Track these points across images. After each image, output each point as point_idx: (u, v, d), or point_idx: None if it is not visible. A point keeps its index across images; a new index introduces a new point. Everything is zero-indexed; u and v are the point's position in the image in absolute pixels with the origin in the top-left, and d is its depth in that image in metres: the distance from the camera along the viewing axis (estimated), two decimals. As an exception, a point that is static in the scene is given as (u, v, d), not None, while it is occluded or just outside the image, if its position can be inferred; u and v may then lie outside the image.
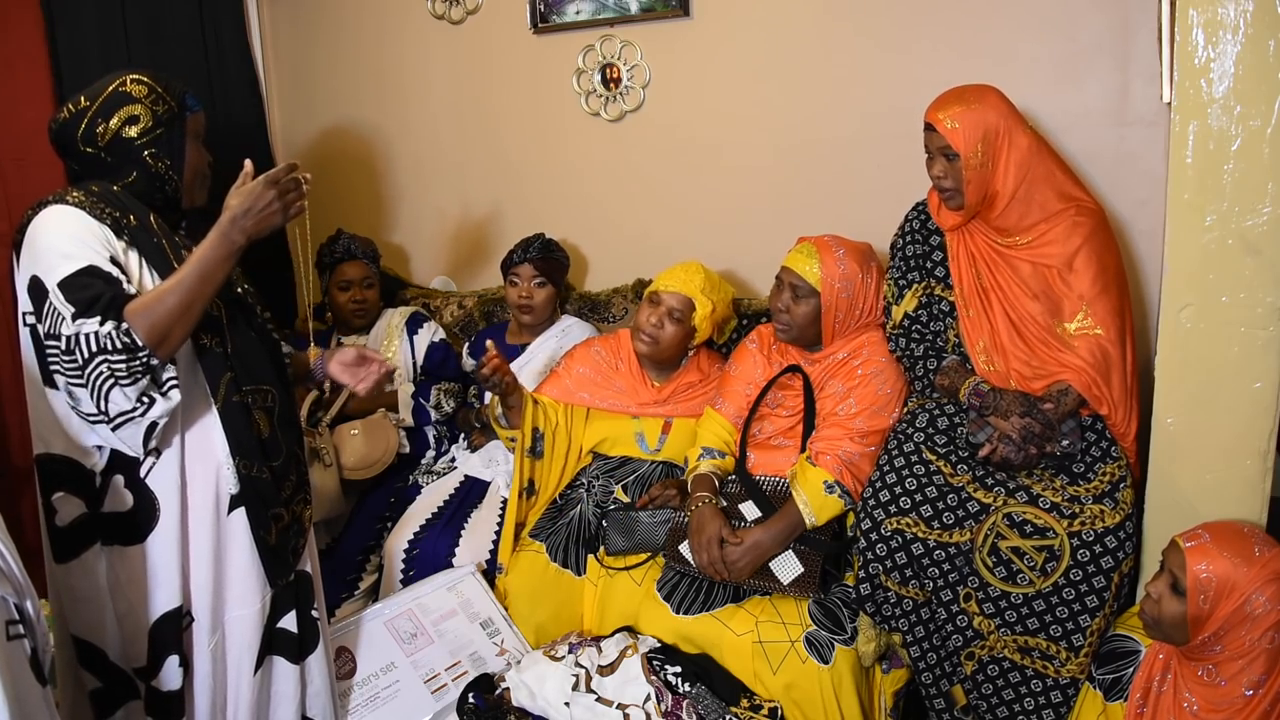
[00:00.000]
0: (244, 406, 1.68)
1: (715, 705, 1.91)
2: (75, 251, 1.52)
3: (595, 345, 2.51)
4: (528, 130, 3.11)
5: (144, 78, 1.67)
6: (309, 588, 1.88)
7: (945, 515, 1.88)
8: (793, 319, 2.16)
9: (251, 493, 1.70)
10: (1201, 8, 1.68)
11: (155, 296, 1.52)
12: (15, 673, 1.13)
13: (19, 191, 2.52)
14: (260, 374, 1.73)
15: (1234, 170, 1.71)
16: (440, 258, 3.37)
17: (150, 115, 1.65)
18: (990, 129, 1.88)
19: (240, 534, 1.70)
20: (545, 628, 2.24)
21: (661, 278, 2.39)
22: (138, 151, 1.65)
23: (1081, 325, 1.89)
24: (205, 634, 1.70)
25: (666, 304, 2.33)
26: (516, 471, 2.36)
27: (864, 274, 2.14)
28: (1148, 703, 1.66)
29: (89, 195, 1.59)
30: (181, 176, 1.70)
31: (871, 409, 2.09)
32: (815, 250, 2.14)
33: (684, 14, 2.79)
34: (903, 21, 2.53)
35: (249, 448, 1.68)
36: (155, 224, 1.66)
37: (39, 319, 1.52)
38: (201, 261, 1.54)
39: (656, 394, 2.41)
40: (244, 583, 1.72)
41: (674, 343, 2.35)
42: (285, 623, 1.82)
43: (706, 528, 2.05)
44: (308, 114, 3.47)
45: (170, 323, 1.51)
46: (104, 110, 1.64)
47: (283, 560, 1.78)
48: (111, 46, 2.77)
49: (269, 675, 1.81)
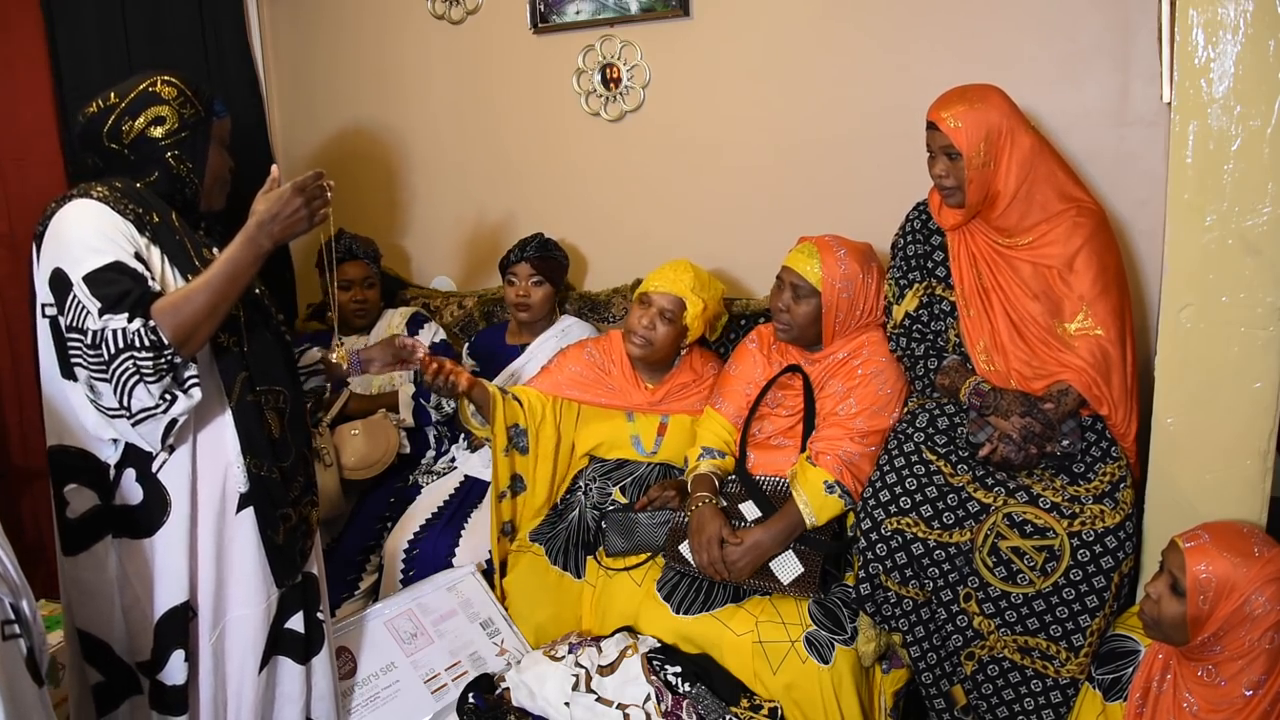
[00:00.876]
0: (257, 406, 1.69)
1: (715, 705, 1.91)
2: (102, 246, 1.53)
3: (589, 346, 2.50)
4: (528, 130, 3.11)
5: (175, 80, 1.69)
6: (315, 590, 1.88)
7: (945, 515, 1.88)
8: (793, 319, 2.16)
9: (261, 492, 1.70)
10: (1201, 8, 1.68)
11: (183, 296, 1.53)
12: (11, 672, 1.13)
13: (19, 191, 2.52)
14: (274, 375, 1.74)
15: (1234, 170, 1.71)
16: (440, 258, 3.37)
17: (177, 117, 1.67)
18: (993, 128, 1.88)
19: (247, 533, 1.71)
20: (545, 628, 2.24)
21: (651, 278, 2.37)
22: (161, 152, 1.66)
23: (1082, 326, 1.89)
24: (207, 629, 1.71)
25: (657, 305, 2.32)
26: (495, 471, 2.33)
27: (865, 274, 2.14)
28: (1147, 703, 1.66)
29: (113, 190, 1.60)
30: (202, 180, 1.72)
31: (871, 409, 2.09)
32: (816, 250, 2.14)
33: (684, 14, 2.79)
34: (902, 22, 2.53)
35: (260, 447, 1.69)
36: (177, 222, 1.67)
37: (60, 311, 1.53)
38: (229, 263, 1.56)
39: (650, 395, 2.41)
40: (250, 582, 1.73)
41: (667, 343, 2.34)
42: (293, 624, 1.82)
43: (706, 527, 2.05)
44: (308, 114, 3.47)
45: (196, 322, 1.53)
46: (131, 108, 1.65)
47: (290, 561, 1.78)
48: (111, 46, 2.77)
49: (274, 675, 1.81)
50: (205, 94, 1.72)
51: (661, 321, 2.31)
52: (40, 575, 2.27)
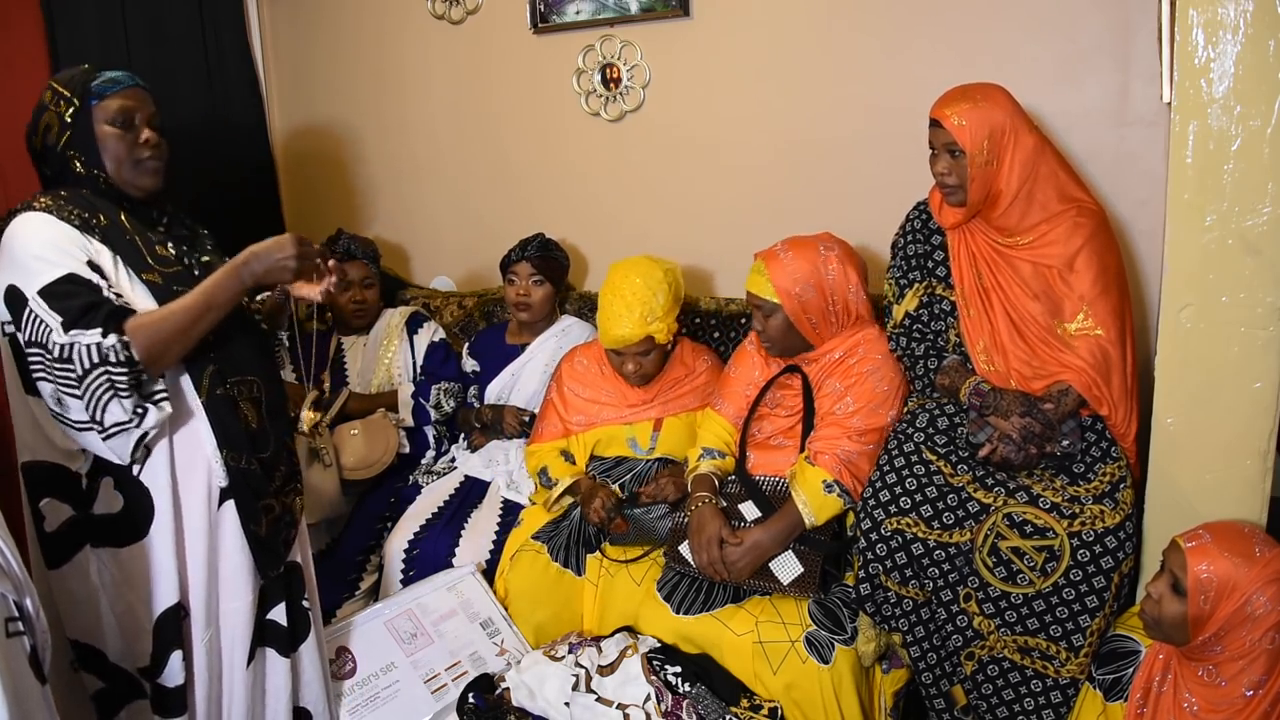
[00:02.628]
0: (229, 399, 1.67)
1: (715, 705, 1.91)
2: (53, 258, 1.52)
3: (577, 357, 2.52)
4: (528, 130, 3.11)
5: (53, 81, 1.66)
6: (299, 578, 1.87)
7: (945, 515, 1.88)
8: (770, 335, 2.15)
9: (241, 485, 1.69)
10: (1201, 8, 1.68)
11: (161, 316, 1.54)
12: (15, 670, 1.13)
13: (19, 192, 2.51)
14: (244, 365, 1.72)
15: (1234, 170, 1.71)
16: (440, 258, 3.37)
17: (56, 118, 1.64)
18: (997, 127, 1.88)
19: (231, 527, 1.70)
20: (545, 628, 2.24)
21: (606, 329, 2.30)
22: (62, 155, 1.65)
23: (1082, 326, 1.89)
24: (200, 628, 1.70)
25: (631, 353, 2.32)
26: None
27: (822, 265, 2.10)
28: (1148, 703, 1.66)
29: (55, 199, 1.60)
30: (103, 168, 1.65)
31: (869, 407, 2.09)
32: (763, 264, 2.13)
33: (684, 14, 2.79)
34: (902, 21, 2.53)
35: (237, 440, 1.68)
36: (127, 221, 1.65)
37: (18, 328, 1.52)
38: (208, 291, 1.57)
39: (644, 395, 2.42)
40: (235, 576, 1.72)
41: (657, 363, 2.38)
42: (275, 614, 1.81)
43: (706, 528, 2.05)
44: (308, 114, 3.47)
45: (169, 343, 1.53)
46: (33, 125, 1.66)
47: (273, 551, 1.77)
48: (111, 46, 2.78)
49: (261, 668, 1.81)
50: (80, 81, 1.64)
51: (643, 360, 2.33)
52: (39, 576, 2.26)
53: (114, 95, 1.65)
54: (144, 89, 1.70)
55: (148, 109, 1.69)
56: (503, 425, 2.68)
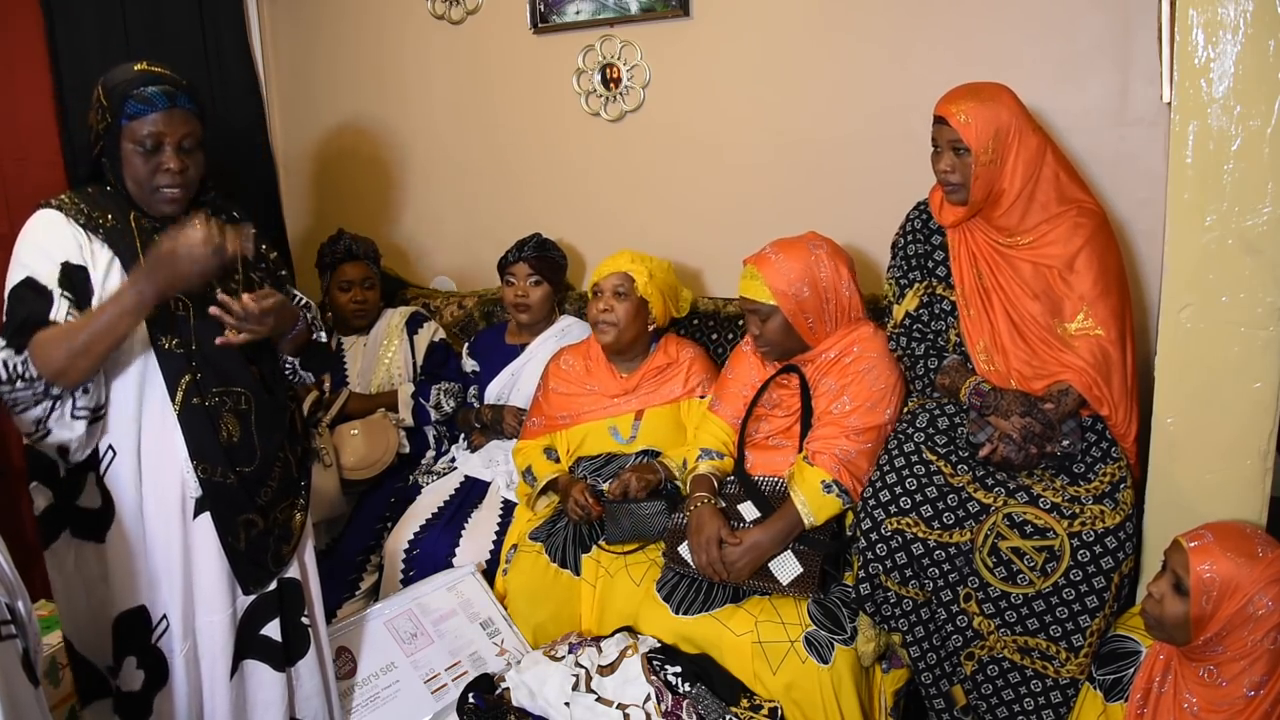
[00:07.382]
0: (205, 410, 1.64)
1: (715, 705, 1.91)
2: (28, 260, 1.55)
3: (563, 357, 2.56)
4: (528, 130, 3.11)
5: (102, 81, 1.62)
6: (297, 595, 1.84)
7: (945, 515, 1.88)
8: (768, 339, 2.15)
9: (216, 497, 1.67)
10: (1201, 8, 1.68)
11: (63, 332, 1.51)
12: (8, 673, 1.13)
13: (19, 192, 2.52)
14: (232, 376, 1.68)
15: (1234, 170, 1.71)
16: (440, 258, 3.37)
17: (97, 120, 1.62)
18: (1002, 126, 1.88)
19: (208, 539, 1.68)
20: (545, 628, 2.24)
21: (593, 274, 2.49)
22: (98, 157, 1.66)
23: (1082, 326, 1.89)
24: (178, 639, 1.69)
25: (607, 287, 2.42)
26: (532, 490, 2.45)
27: (814, 263, 2.11)
28: (1148, 703, 1.66)
29: (72, 196, 1.61)
30: (125, 184, 1.64)
31: (866, 405, 2.09)
32: (756, 268, 2.13)
33: (684, 14, 2.79)
34: (902, 22, 2.53)
35: (210, 452, 1.65)
36: (134, 225, 1.64)
37: None
38: (106, 310, 1.51)
39: (625, 383, 2.44)
40: (213, 588, 1.70)
41: (631, 321, 2.41)
42: (268, 630, 1.78)
43: (705, 528, 2.05)
44: (308, 114, 3.47)
45: (69, 359, 1.49)
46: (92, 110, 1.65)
47: (257, 566, 1.74)
48: (111, 46, 2.77)
49: (248, 682, 1.78)
50: (119, 94, 1.58)
51: (617, 299, 2.40)
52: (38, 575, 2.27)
53: (145, 119, 1.58)
54: (183, 109, 1.61)
55: (180, 131, 1.60)
56: (502, 425, 2.68)
